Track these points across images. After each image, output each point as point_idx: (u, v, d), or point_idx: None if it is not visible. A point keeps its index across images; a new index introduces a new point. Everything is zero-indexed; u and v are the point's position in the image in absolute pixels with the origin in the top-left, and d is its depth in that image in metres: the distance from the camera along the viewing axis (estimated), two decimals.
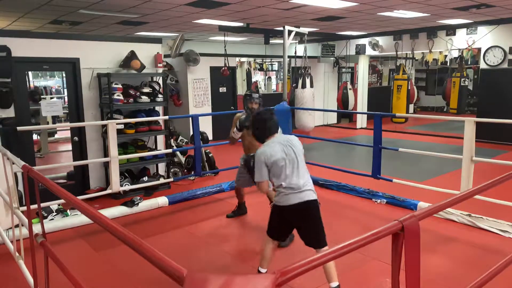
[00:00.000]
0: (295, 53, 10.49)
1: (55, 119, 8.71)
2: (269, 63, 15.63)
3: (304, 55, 7.87)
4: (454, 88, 11.04)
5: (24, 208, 2.76)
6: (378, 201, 5.41)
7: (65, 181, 6.04)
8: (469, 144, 4.27)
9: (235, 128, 4.30)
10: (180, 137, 7.52)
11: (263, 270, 3.26)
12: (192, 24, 9.00)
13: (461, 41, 9.80)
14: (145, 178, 5.78)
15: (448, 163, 6.52)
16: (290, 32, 6.76)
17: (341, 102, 11.80)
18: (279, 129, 3.33)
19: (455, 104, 11.03)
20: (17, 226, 3.14)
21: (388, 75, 15.17)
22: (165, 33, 10.43)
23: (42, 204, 2.57)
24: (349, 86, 11.79)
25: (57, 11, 7.12)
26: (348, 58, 12.43)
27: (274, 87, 15.47)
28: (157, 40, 6.45)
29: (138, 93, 5.78)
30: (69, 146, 6.00)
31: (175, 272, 1.05)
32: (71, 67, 5.50)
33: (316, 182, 5.44)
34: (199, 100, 10.15)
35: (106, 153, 5.57)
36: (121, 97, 5.52)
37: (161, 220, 4.97)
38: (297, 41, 10.28)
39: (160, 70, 6.21)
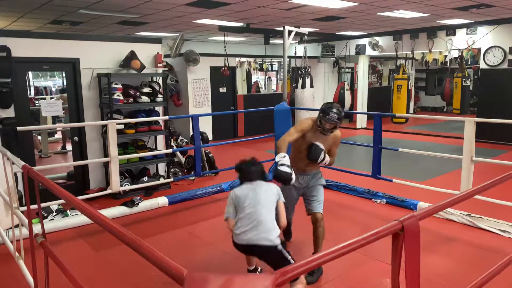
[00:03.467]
0: (295, 53, 10.48)
1: (55, 119, 8.71)
2: (269, 63, 15.62)
3: (304, 55, 7.85)
4: (456, 89, 11.06)
5: (24, 208, 2.76)
6: (378, 201, 5.41)
7: (65, 181, 6.04)
8: (469, 144, 4.27)
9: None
10: (180, 137, 7.52)
11: None
12: (192, 24, 9.00)
13: (461, 41, 9.80)
14: (145, 178, 5.78)
15: (448, 163, 6.51)
16: (290, 32, 6.75)
17: (337, 102, 11.79)
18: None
19: (458, 104, 11.04)
20: (17, 226, 3.14)
21: (388, 75, 15.16)
22: (165, 33, 10.43)
23: (42, 204, 2.57)
24: (346, 86, 11.79)
25: (57, 11, 7.11)
26: (348, 58, 12.42)
27: (274, 87, 15.47)
28: (157, 40, 6.45)
29: (138, 93, 5.77)
30: (69, 146, 6.00)
31: (175, 272, 1.05)
32: (71, 67, 5.50)
33: None
34: (199, 100, 10.14)
35: (106, 153, 5.57)
36: (121, 97, 5.52)
37: (161, 220, 4.97)
38: (297, 41, 10.26)
39: (160, 70, 6.21)
